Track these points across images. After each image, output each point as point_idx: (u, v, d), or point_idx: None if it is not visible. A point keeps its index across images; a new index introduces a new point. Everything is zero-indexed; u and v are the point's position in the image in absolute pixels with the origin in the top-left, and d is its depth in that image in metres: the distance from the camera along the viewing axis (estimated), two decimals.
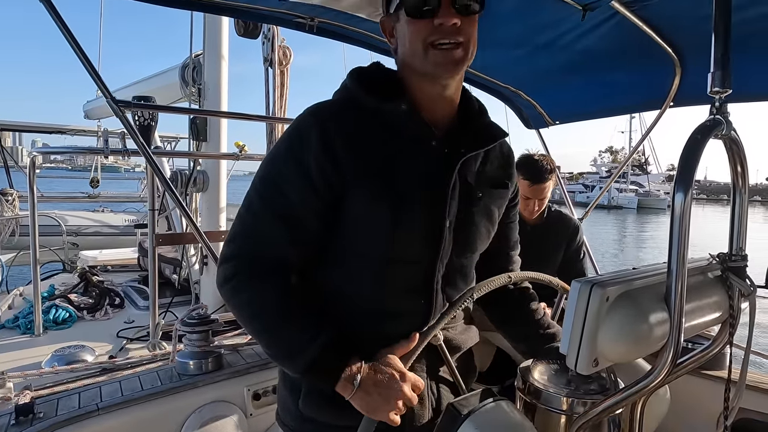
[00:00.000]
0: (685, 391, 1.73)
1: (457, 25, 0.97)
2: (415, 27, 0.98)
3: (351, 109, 1.03)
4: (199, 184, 3.58)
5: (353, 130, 1.00)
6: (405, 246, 1.02)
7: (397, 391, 0.94)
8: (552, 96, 2.77)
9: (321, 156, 0.97)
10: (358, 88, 1.05)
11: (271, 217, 0.99)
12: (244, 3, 1.82)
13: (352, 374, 0.94)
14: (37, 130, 8.68)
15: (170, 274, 4.03)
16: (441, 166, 1.04)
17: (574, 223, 2.53)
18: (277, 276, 0.99)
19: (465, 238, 1.10)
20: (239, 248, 1.01)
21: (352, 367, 0.95)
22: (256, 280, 0.99)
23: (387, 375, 0.95)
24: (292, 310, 0.98)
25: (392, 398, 0.93)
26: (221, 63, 3.57)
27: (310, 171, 0.97)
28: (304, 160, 0.97)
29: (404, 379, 0.95)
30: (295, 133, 1.01)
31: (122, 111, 1.78)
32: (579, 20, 1.73)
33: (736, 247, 0.92)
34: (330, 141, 0.97)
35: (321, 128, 0.98)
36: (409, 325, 1.05)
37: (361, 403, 0.95)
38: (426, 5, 0.96)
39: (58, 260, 5.95)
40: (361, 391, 0.94)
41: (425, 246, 1.04)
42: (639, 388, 0.80)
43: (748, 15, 1.58)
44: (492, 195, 1.15)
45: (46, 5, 1.53)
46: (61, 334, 3.11)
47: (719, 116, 0.82)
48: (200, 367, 1.81)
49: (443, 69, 1.00)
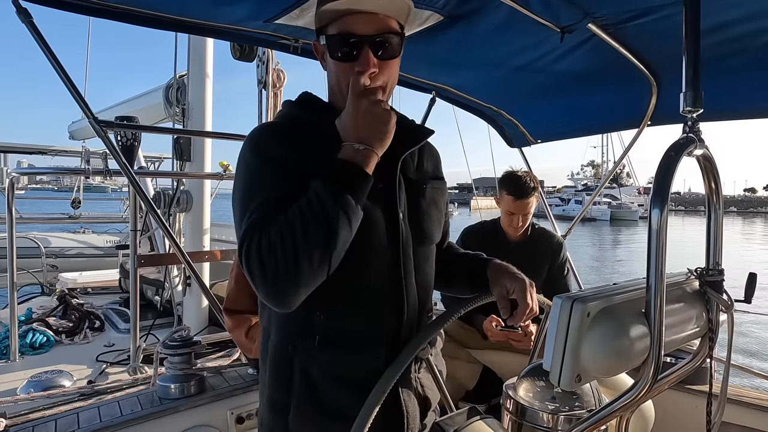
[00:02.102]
0: (669, 406, 1.74)
1: (375, 72, 1.04)
2: (339, 68, 1.07)
3: (292, 122, 1.14)
4: (183, 204, 3.54)
5: (299, 135, 1.08)
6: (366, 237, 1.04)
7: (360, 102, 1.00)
8: (533, 115, 2.82)
9: (282, 148, 1.04)
10: (298, 109, 1.16)
11: (266, 201, 0.99)
12: (228, 24, 1.84)
13: (354, 149, 0.99)
14: (20, 151, 8.54)
15: (152, 295, 3.96)
16: (382, 165, 1.06)
17: (557, 240, 2.56)
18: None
19: (420, 227, 1.17)
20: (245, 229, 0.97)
21: (349, 147, 1.00)
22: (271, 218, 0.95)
23: (346, 113, 1.02)
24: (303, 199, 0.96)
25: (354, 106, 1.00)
26: (206, 83, 3.58)
27: (282, 158, 1.03)
28: (273, 154, 1.04)
29: (356, 93, 1.01)
30: (256, 141, 1.08)
31: (104, 131, 1.77)
32: (558, 42, 1.77)
33: (712, 261, 0.94)
34: (285, 138, 1.07)
35: (277, 135, 1.08)
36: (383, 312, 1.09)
37: (352, 130, 1.00)
38: (348, 53, 1.04)
39: (36, 283, 5.82)
40: (344, 131, 1.01)
41: (387, 236, 1.09)
42: (622, 403, 0.80)
43: (717, 38, 1.64)
44: (434, 185, 1.24)
45: (27, 25, 1.53)
46: (38, 359, 3.03)
47: (692, 134, 0.85)
48: (182, 390, 1.77)
49: None
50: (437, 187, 1.25)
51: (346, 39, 1.03)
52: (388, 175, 1.11)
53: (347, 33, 1.03)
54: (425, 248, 1.20)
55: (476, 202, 12.87)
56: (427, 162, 1.27)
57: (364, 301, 1.08)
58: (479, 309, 1.22)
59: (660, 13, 1.58)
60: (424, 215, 1.18)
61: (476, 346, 2.42)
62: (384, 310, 1.10)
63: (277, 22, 1.77)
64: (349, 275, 1.03)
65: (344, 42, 1.03)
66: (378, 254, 1.08)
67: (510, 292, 1.17)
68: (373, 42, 1.03)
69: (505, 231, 2.50)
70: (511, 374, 1.27)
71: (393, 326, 1.10)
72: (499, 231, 2.51)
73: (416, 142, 1.20)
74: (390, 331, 1.09)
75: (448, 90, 2.59)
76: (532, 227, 2.52)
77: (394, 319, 1.10)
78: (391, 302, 1.10)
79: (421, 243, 1.17)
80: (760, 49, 1.68)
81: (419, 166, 1.23)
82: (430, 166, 1.28)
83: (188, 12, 1.72)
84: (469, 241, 2.52)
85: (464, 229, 2.64)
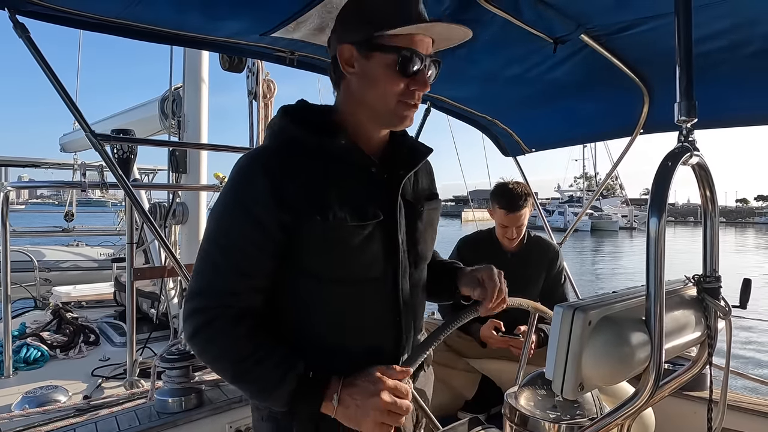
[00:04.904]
0: (668, 413, 1.74)
1: (426, 91, 1.05)
2: (396, 81, 1.03)
3: (292, 148, 1.04)
4: (179, 217, 3.54)
5: (298, 167, 1.02)
6: (367, 265, 1.05)
7: (375, 399, 0.92)
8: (527, 125, 2.85)
9: (270, 201, 0.98)
10: (295, 128, 1.06)
11: (231, 270, 1.00)
12: (224, 38, 1.85)
13: (330, 393, 0.95)
14: (12, 164, 8.50)
15: (147, 308, 3.93)
16: (383, 190, 1.08)
17: (553, 248, 2.56)
18: (244, 321, 1.00)
19: (417, 250, 1.16)
20: (204, 302, 1.01)
21: (330, 386, 0.96)
22: (227, 328, 0.99)
23: (363, 386, 0.95)
24: (265, 349, 0.99)
25: (370, 407, 0.92)
26: (201, 95, 3.59)
27: (261, 217, 0.98)
28: (253, 209, 0.98)
29: (382, 386, 0.94)
30: (241, 181, 1.02)
31: (102, 145, 1.77)
32: (551, 53, 1.80)
33: (709, 269, 0.95)
34: (277, 183, 0.98)
35: (266, 173, 0.99)
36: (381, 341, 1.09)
37: (344, 418, 0.95)
38: (413, 69, 1.02)
39: (29, 296, 5.76)
40: (341, 406, 0.94)
41: (386, 264, 1.08)
42: (625, 410, 0.81)
43: (707, 47, 1.67)
44: (430, 207, 1.22)
45: (25, 40, 1.53)
46: (33, 374, 3.00)
47: (687, 144, 0.86)
48: (180, 404, 1.76)
49: (402, 123, 1.08)
50: (433, 207, 1.23)
51: (413, 55, 1.01)
52: (389, 205, 1.09)
53: (412, 49, 1.01)
54: (420, 270, 1.19)
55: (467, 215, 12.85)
56: (422, 179, 1.25)
57: (364, 329, 1.09)
58: (476, 318, 1.22)
59: (651, 23, 1.61)
60: (421, 239, 1.17)
61: (474, 355, 2.42)
62: (382, 337, 1.10)
63: (273, 35, 1.78)
64: (348, 306, 1.06)
65: (410, 57, 1.01)
66: (377, 286, 1.09)
67: (480, 279, 1.20)
68: (430, 62, 1.05)
69: (500, 242, 2.50)
70: (510, 383, 1.27)
71: (390, 353, 1.11)
72: (495, 241, 2.50)
73: (416, 163, 1.17)
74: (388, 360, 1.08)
75: (443, 100, 2.61)
76: (528, 236, 2.52)
77: (392, 345, 1.11)
78: (388, 328, 1.11)
79: (417, 266, 1.17)
80: (750, 57, 1.72)
81: (415, 184, 1.21)
82: (426, 182, 1.26)
83: (185, 26, 1.73)
84: (465, 252, 2.52)
85: (460, 239, 2.64)
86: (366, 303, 1.08)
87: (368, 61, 1.04)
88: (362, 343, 1.08)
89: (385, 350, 1.10)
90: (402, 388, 0.96)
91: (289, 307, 1.07)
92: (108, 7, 1.55)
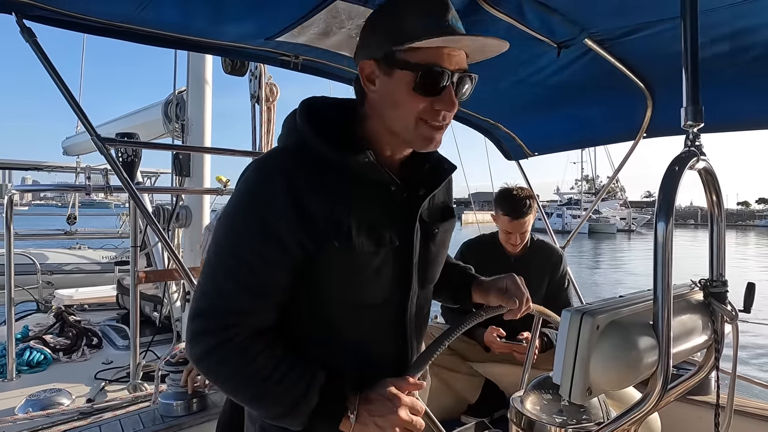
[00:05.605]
0: (673, 418, 1.74)
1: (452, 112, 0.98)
2: (416, 100, 0.95)
3: (312, 158, 0.96)
4: (182, 220, 3.55)
5: (320, 183, 0.94)
6: (378, 290, 1.02)
7: (393, 417, 0.91)
8: (530, 128, 2.85)
9: (291, 215, 0.91)
10: (317, 140, 0.97)
11: (241, 290, 0.93)
12: (229, 42, 1.86)
13: (350, 409, 0.93)
14: (16, 167, 8.54)
15: (150, 311, 3.93)
16: (403, 211, 1.03)
17: (557, 252, 2.56)
18: (259, 340, 0.94)
19: (427, 273, 1.12)
20: (212, 323, 0.93)
21: (349, 402, 0.93)
22: (239, 349, 0.93)
23: (380, 402, 0.93)
24: (282, 367, 0.93)
25: (388, 426, 0.91)
26: (205, 99, 3.61)
27: (281, 233, 0.91)
28: (270, 222, 0.91)
29: (399, 403, 0.93)
30: (257, 190, 0.93)
31: (107, 148, 1.77)
32: (555, 57, 1.80)
33: (716, 273, 0.95)
34: (299, 197, 0.91)
35: (287, 184, 0.91)
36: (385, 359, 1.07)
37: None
38: (436, 88, 0.95)
39: (31, 299, 5.77)
40: (359, 423, 0.92)
41: (395, 287, 1.04)
42: (632, 415, 0.81)
43: (712, 52, 1.68)
44: (445, 227, 1.16)
45: (32, 44, 1.54)
46: (36, 377, 2.99)
47: (693, 148, 0.86)
48: (185, 408, 1.76)
49: (425, 145, 1.00)
50: (448, 228, 1.17)
51: (436, 71, 0.93)
52: (406, 228, 1.04)
53: (435, 65, 0.93)
54: (427, 290, 1.16)
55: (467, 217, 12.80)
56: (439, 197, 1.16)
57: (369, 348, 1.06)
58: (480, 322, 1.22)
59: (654, 28, 1.61)
60: (432, 263, 1.13)
61: (478, 359, 2.42)
62: (386, 355, 1.08)
63: (278, 39, 1.79)
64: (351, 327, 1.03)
65: (432, 74, 0.93)
66: (384, 309, 1.06)
67: (505, 288, 1.21)
68: (460, 77, 0.97)
69: (503, 247, 2.49)
70: (514, 386, 1.27)
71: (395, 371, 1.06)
72: (498, 245, 2.50)
73: (439, 182, 1.11)
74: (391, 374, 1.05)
75: None
76: (532, 240, 2.52)
77: (396, 362, 1.08)
78: (392, 346, 1.09)
79: (425, 287, 1.13)
80: (753, 61, 1.72)
81: (431, 199, 1.11)
82: (442, 196, 1.18)
83: (191, 30, 1.74)
84: (468, 255, 2.52)
85: (463, 243, 2.64)
86: (371, 324, 1.05)
87: (389, 79, 0.96)
88: (366, 361, 1.05)
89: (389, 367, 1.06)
90: (418, 405, 0.95)
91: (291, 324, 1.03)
92: (114, 12, 1.56)
